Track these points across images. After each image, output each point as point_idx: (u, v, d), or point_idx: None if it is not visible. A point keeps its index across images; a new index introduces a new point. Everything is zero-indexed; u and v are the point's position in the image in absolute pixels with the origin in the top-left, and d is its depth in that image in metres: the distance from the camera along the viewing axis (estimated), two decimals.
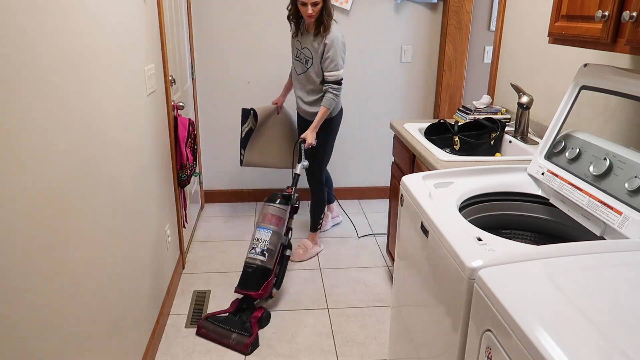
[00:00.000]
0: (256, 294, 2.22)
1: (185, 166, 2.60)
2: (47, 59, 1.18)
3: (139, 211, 1.92)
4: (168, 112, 2.45)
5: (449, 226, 1.25)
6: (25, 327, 1.07)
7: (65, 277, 1.26)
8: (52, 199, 1.19)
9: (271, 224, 2.30)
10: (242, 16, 3.32)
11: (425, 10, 3.44)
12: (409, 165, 2.29)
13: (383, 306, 2.49)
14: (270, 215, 2.30)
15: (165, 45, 2.36)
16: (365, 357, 2.13)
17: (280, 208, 2.35)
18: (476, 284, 1.02)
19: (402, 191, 1.62)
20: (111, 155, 1.61)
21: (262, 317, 2.25)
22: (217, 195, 3.72)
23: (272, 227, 2.30)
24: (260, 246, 2.22)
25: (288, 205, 2.40)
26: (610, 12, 1.27)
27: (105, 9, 1.59)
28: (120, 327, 1.67)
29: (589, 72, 1.49)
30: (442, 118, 2.55)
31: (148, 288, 2.04)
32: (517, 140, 2.14)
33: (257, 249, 2.22)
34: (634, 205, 1.17)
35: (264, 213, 2.37)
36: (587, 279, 0.97)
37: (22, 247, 1.06)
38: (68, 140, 1.28)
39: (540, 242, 1.54)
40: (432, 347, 1.32)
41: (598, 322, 0.82)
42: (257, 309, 2.28)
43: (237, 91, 3.48)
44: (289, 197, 2.45)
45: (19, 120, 1.05)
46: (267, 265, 2.26)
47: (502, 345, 0.89)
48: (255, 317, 2.22)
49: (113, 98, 1.65)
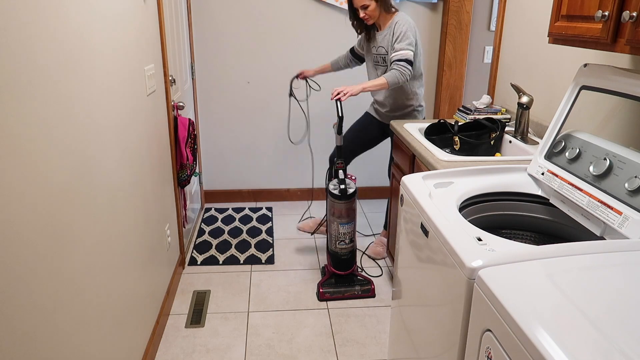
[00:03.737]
0: (350, 271, 2.63)
1: (185, 166, 2.60)
2: (46, 59, 1.18)
3: (138, 211, 1.92)
4: (168, 112, 2.45)
5: (449, 226, 1.25)
6: (24, 326, 1.07)
7: (65, 276, 1.26)
8: (52, 199, 1.19)
9: (349, 218, 2.54)
10: (242, 16, 3.32)
11: (425, 10, 3.44)
12: (409, 165, 2.29)
13: (383, 306, 2.49)
14: (346, 210, 2.52)
15: (165, 45, 2.36)
16: (365, 357, 2.13)
17: (350, 202, 2.54)
18: (476, 284, 1.02)
19: (402, 191, 1.62)
20: (111, 155, 1.61)
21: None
22: (217, 195, 3.72)
23: (351, 220, 2.56)
24: (348, 237, 2.56)
25: (354, 197, 2.57)
26: (610, 12, 1.27)
27: (105, 8, 1.59)
28: (120, 327, 1.67)
29: (589, 72, 1.49)
30: (442, 118, 2.55)
31: (148, 288, 2.04)
32: (517, 140, 2.14)
33: (347, 240, 2.57)
34: (634, 205, 1.17)
35: (340, 210, 2.52)
36: (587, 279, 0.97)
37: (21, 247, 1.06)
38: (68, 140, 1.28)
39: (540, 242, 1.54)
40: (432, 347, 1.32)
41: (598, 322, 0.82)
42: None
43: (237, 91, 3.48)
44: (345, 191, 2.54)
45: (19, 120, 1.05)
46: (354, 248, 2.64)
47: (502, 345, 0.89)
48: (359, 273, 2.66)
49: (113, 98, 1.65)
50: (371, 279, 2.63)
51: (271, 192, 3.77)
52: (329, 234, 2.59)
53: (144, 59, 2.04)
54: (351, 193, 2.49)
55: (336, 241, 2.56)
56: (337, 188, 2.50)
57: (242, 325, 2.33)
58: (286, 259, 2.94)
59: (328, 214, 2.56)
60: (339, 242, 2.57)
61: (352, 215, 2.53)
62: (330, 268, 2.61)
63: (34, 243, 1.10)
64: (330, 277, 2.61)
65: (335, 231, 2.54)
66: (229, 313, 2.42)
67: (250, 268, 2.83)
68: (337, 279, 2.60)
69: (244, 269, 2.82)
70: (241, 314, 2.41)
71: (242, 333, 2.27)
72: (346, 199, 2.49)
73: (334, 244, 2.57)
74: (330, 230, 2.57)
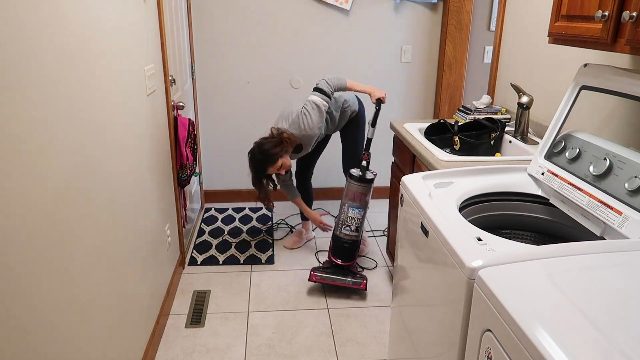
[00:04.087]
0: (350, 263, 2.61)
1: (185, 166, 2.60)
2: (47, 59, 1.18)
3: (139, 211, 1.92)
4: (168, 112, 2.45)
5: (449, 226, 1.25)
6: (24, 326, 1.07)
7: (65, 276, 1.26)
8: (52, 199, 1.19)
9: (361, 204, 2.53)
10: (242, 16, 3.32)
11: (425, 10, 3.44)
12: (409, 165, 2.29)
13: (383, 306, 2.49)
14: (359, 194, 2.52)
15: (165, 45, 2.36)
16: (365, 357, 2.13)
17: (366, 187, 2.54)
18: (476, 284, 1.02)
19: (402, 191, 1.62)
20: (111, 155, 1.61)
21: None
22: (217, 195, 3.72)
23: (362, 206, 2.55)
24: (354, 224, 2.54)
25: (371, 184, 2.57)
26: (610, 12, 1.27)
27: (105, 9, 1.59)
28: (120, 327, 1.67)
29: (589, 72, 1.49)
30: (442, 118, 2.55)
31: (148, 288, 2.04)
32: (517, 140, 2.14)
33: (352, 227, 2.54)
34: (634, 205, 1.17)
35: (353, 191, 2.52)
36: (587, 279, 0.97)
37: (22, 247, 1.06)
38: (68, 141, 1.28)
39: (540, 242, 1.54)
40: (432, 347, 1.32)
41: (598, 321, 0.82)
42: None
43: (237, 91, 3.48)
44: (363, 177, 2.56)
45: (19, 120, 1.05)
46: (359, 239, 2.61)
47: (502, 345, 0.89)
48: (357, 271, 2.65)
49: (113, 98, 1.65)
50: (365, 276, 2.64)
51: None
52: (337, 218, 2.60)
53: (144, 59, 2.04)
54: (370, 178, 2.52)
55: (342, 225, 2.56)
56: (358, 172, 2.53)
57: (242, 325, 2.33)
58: (286, 259, 2.94)
59: (343, 199, 2.57)
60: (345, 226, 2.56)
61: (364, 202, 2.54)
62: (329, 256, 2.61)
63: (34, 243, 1.10)
64: (329, 267, 2.61)
65: (345, 214, 2.54)
66: (229, 313, 2.42)
67: (250, 268, 2.83)
68: (334, 269, 2.60)
69: (244, 269, 2.83)
70: (241, 314, 2.41)
71: (242, 333, 2.27)
72: (364, 182, 2.51)
73: (340, 228, 2.57)
74: (339, 215, 2.58)
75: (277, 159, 2.51)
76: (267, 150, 2.50)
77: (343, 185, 2.64)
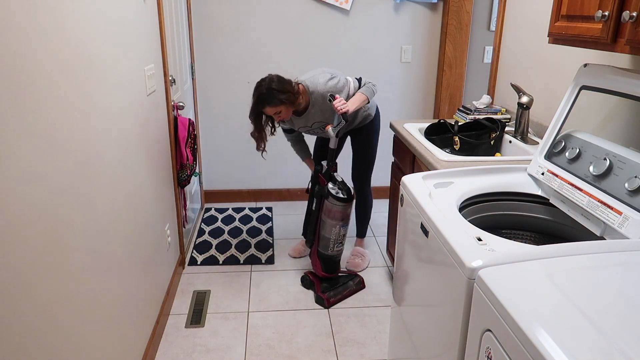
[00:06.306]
0: (336, 274, 2.64)
1: (185, 166, 2.60)
2: (47, 59, 1.18)
3: (139, 211, 1.92)
4: (168, 112, 2.45)
5: (449, 226, 1.25)
6: (24, 326, 1.07)
7: (65, 276, 1.26)
8: (52, 199, 1.19)
9: (348, 219, 2.56)
10: (242, 16, 3.32)
11: (425, 10, 3.44)
12: (409, 165, 2.29)
13: (383, 306, 2.49)
14: (347, 212, 2.53)
15: (165, 45, 2.36)
16: (365, 357, 2.13)
17: (351, 203, 2.55)
18: (476, 284, 1.02)
19: (402, 191, 1.61)
20: (111, 155, 1.61)
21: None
22: (217, 195, 3.72)
23: (348, 221, 2.58)
24: (344, 240, 2.59)
25: (352, 200, 2.58)
26: (610, 12, 1.27)
27: (105, 9, 1.59)
28: (120, 327, 1.67)
29: (589, 72, 1.49)
30: (442, 118, 2.55)
31: (148, 288, 2.04)
32: (517, 140, 2.14)
33: (343, 242, 2.59)
34: (634, 205, 1.17)
35: (341, 212, 2.50)
36: (587, 279, 0.97)
37: (22, 247, 1.06)
38: (68, 141, 1.28)
39: (540, 242, 1.53)
40: (432, 347, 1.32)
41: (598, 322, 0.82)
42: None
43: (237, 91, 3.48)
44: (349, 192, 2.53)
45: (19, 120, 1.05)
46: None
47: (502, 345, 0.89)
48: (341, 270, 2.70)
49: (113, 98, 1.65)
50: (356, 272, 2.69)
51: (271, 192, 3.77)
52: (323, 238, 2.52)
53: (144, 59, 2.04)
54: (350, 197, 2.47)
55: (334, 244, 2.53)
56: (339, 191, 2.46)
57: (242, 325, 2.33)
58: (286, 259, 2.94)
59: (324, 218, 2.49)
60: (337, 244, 2.54)
61: (349, 217, 2.53)
62: (321, 273, 2.58)
63: (34, 243, 1.10)
64: (321, 282, 2.58)
65: (336, 234, 2.51)
66: (229, 313, 2.42)
67: (250, 268, 2.83)
68: (328, 282, 2.57)
69: (244, 269, 2.82)
70: (241, 314, 2.41)
71: (242, 333, 2.27)
72: (351, 200, 2.48)
73: (332, 247, 2.53)
74: (326, 235, 2.50)
75: (278, 102, 2.34)
76: (273, 89, 2.33)
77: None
